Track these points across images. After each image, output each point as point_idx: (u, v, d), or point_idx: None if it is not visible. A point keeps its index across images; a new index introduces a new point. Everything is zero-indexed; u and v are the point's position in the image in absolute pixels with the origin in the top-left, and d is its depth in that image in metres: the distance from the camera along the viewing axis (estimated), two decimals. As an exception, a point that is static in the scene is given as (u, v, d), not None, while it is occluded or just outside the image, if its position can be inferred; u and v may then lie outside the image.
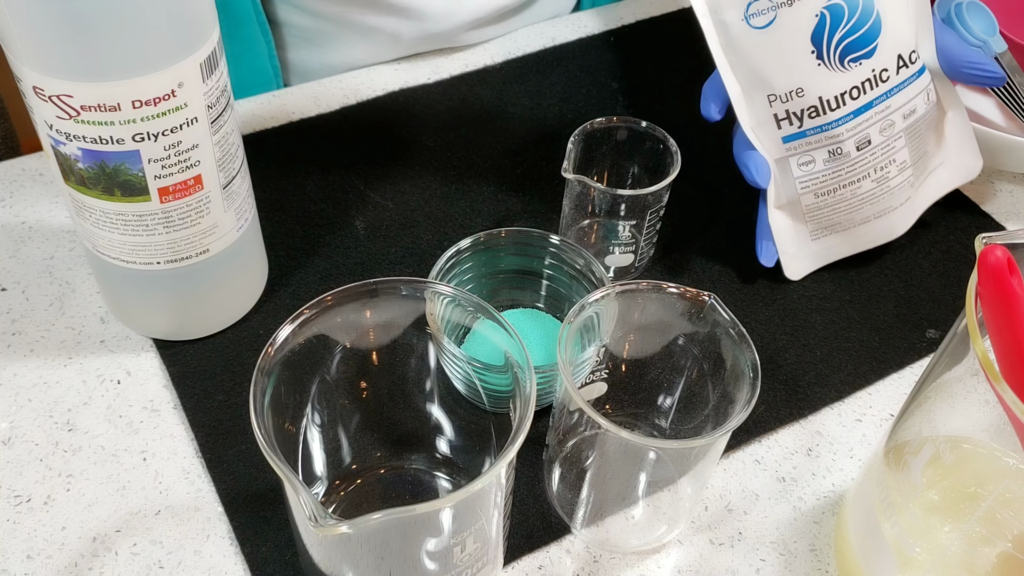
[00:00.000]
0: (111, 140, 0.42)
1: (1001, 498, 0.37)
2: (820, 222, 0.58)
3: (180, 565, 0.45)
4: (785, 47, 0.53)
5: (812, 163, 0.55)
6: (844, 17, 0.53)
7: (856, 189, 0.56)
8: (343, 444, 0.45)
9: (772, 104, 0.54)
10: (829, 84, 0.53)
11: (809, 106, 0.54)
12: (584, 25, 0.76)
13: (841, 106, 0.54)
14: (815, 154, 0.55)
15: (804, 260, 0.58)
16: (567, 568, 0.46)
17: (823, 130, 0.54)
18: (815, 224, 0.58)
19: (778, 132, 0.55)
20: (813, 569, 0.46)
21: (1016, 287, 0.34)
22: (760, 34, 0.53)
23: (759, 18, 0.52)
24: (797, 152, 0.55)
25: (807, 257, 0.59)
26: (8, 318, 0.54)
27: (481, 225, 0.60)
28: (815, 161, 0.55)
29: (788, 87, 0.53)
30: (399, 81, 0.70)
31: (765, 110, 0.54)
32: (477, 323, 0.41)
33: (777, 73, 0.53)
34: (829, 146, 0.55)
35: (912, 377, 0.55)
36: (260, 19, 0.69)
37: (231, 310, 0.53)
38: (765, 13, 0.52)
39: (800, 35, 0.53)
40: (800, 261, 0.58)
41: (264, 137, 0.65)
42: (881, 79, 0.54)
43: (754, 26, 0.52)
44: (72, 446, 0.49)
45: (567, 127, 0.65)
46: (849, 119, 0.54)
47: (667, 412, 0.48)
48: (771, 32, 0.52)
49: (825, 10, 0.52)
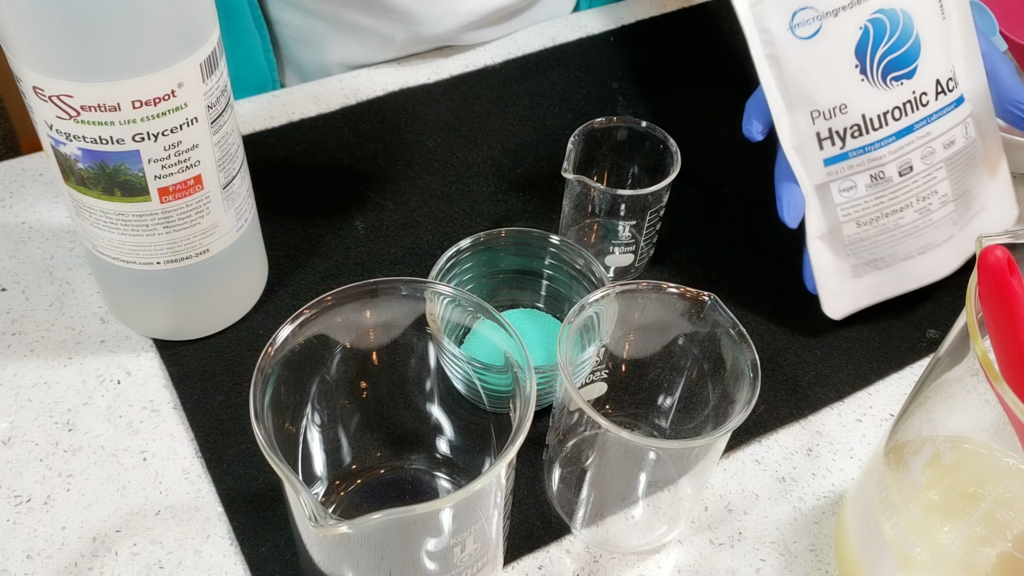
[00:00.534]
0: (111, 140, 0.42)
1: (1001, 498, 0.37)
2: (862, 256, 0.55)
3: (180, 565, 0.45)
4: (830, 59, 0.52)
5: (854, 188, 0.54)
6: (887, 32, 0.52)
7: (899, 219, 0.55)
8: (343, 444, 0.45)
9: (815, 121, 0.53)
10: (872, 101, 0.53)
11: (852, 124, 0.53)
12: (584, 25, 0.76)
13: (884, 126, 0.53)
14: (857, 179, 0.54)
15: (845, 298, 0.56)
16: (567, 568, 0.46)
17: (865, 151, 0.53)
18: (857, 259, 0.55)
19: (820, 153, 0.53)
20: (813, 569, 0.46)
21: (1016, 287, 0.34)
22: (805, 45, 0.52)
23: (804, 28, 0.52)
24: (839, 177, 0.54)
25: (848, 295, 0.56)
26: (8, 318, 0.54)
27: (481, 225, 0.60)
28: (857, 187, 0.54)
29: (832, 102, 0.53)
30: (399, 81, 0.70)
31: (808, 127, 0.53)
32: (477, 323, 0.41)
33: (822, 86, 0.53)
34: (871, 170, 0.54)
35: (912, 377, 0.55)
36: (256, 16, 0.69)
37: (231, 310, 0.53)
38: (811, 23, 0.52)
39: (845, 47, 0.52)
40: (841, 299, 0.55)
41: (264, 137, 0.65)
42: (921, 103, 0.54)
43: (799, 36, 0.52)
44: (72, 446, 0.49)
45: (567, 127, 0.65)
46: (891, 141, 0.53)
47: (667, 412, 0.48)
48: (816, 43, 0.52)
49: (869, 23, 0.52)
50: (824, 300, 0.55)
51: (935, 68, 0.54)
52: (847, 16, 0.52)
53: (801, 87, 0.53)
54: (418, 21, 0.69)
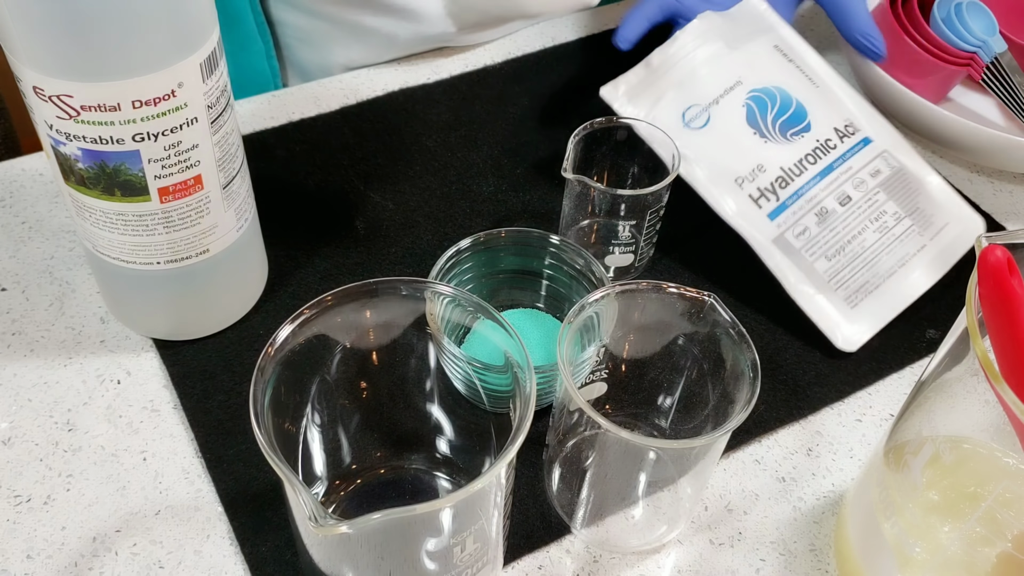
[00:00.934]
0: (111, 140, 0.42)
1: (1001, 498, 0.37)
2: (848, 287, 0.56)
3: (180, 565, 0.45)
4: (729, 135, 0.58)
5: (807, 230, 0.56)
6: (768, 105, 0.58)
7: (863, 242, 0.56)
8: (343, 444, 0.45)
9: (743, 187, 0.57)
10: (783, 155, 0.57)
11: (776, 178, 0.57)
12: (584, 25, 0.76)
13: (804, 171, 0.57)
14: (805, 221, 0.56)
15: (854, 325, 0.55)
16: (567, 568, 0.46)
17: (799, 194, 0.57)
18: (845, 290, 0.56)
19: (761, 212, 0.57)
20: (813, 569, 0.46)
21: (1016, 287, 0.34)
22: (702, 133, 0.58)
23: (696, 121, 0.58)
24: (788, 225, 0.56)
25: (855, 323, 0.55)
26: (8, 318, 0.54)
27: (481, 225, 0.60)
28: (808, 228, 0.56)
29: (748, 167, 0.57)
30: (399, 81, 0.70)
31: (739, 195, 0.57)
32: (477, 323, 0.41)
33: (732, 158, 0.57)
34: (814, 209, 0.56)
35: (912, 377, 0.55)
36: (258, 18, 0.69)
37: (231, 310, 0.53)
38: (699, 116, 0.58)
39: (736, 124, 0.58)
40: (849, 328, 0.55)
41: (264, 137, 0.65)
42: (829, 146, 0.58)
43: (694, 127, 0.58)
44: (72, 446, 0.49)
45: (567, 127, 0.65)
46: (817, 181, 0.57)
47: (667, 412, 0.48)
48: (711, 129, 0.58)
49: (749, 100, 0.58)
50: (831, 335, 0.55)
51: (829, 119, 0.59)
52: (727, 101, 0.58)
53: (715, 165, 0.57)
54: (421, 19, 0.69)
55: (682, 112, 0.58)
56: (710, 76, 0.59)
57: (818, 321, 0.55)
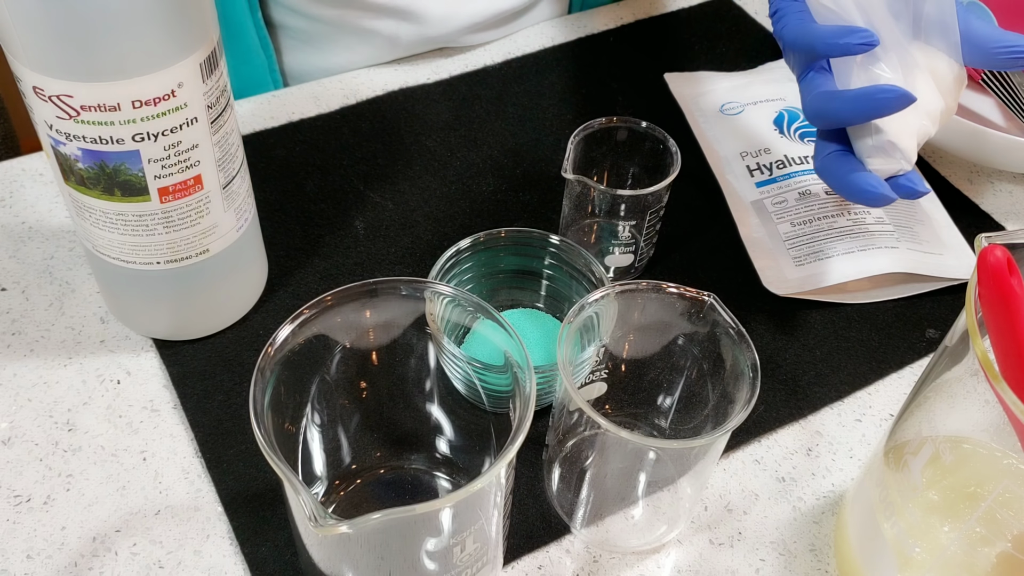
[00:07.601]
0: (111, 140, 0.42)
1: (1001, 498, 0.37)
2: (802, 250, 0.57)
3: (180, 565, 0.45)
4: (753, 123, 0.64)
5: (785, 202, 0.60)
6: (798, 118, 0.64)
7: (832, 223, 0.58)
8: (343, 444, 0.45)
9: (744, 159, 0.62)
10: (791, 149, 0.62)
11: (776, 160, 0.62)
12: (584, 25, 0.76)
13: (805, 163, 0.61)
14: (787, 195, 0.60)
15: (789, 275, 0.57)
16: (567, 568, 0.46)
17: (791, 177, 0.61)
18: (797, 252, 0.57)
19: (751, 179, 0.61)
20: (813, 569, 0.46)
21: (1016, 287, 0.34)
22: (732, 120, 0.65)
23: (731, 110, 0.66)
24: (771, 195, 0.60)
25: (792, 275, 0.57)
26: (8, 318, 0.54)
27: (481, 225, 0.60)
28: (787, 200, 0.60)
29: (757, 146, 0.63)
30: (399, 81, 0.70)
31: (738, 163, 0.62)
32: (477, 323, 0.41)
33: (748, 136, 0.64)
34: (799, 189, 0.60)
35: (912, 377, 0.55)
36: (258, 23, 0.69)
37: (231, 310, 0.53)
38: (735, 109, 0.66)
39: (764, 120, 0.64)
40: (785, 272, 0.57)
41: (264, 137, 0.65)
42: None
43: (728, 114, 0.66)
44: (72, 446, 0.49)
45: (567, 127, 0.65)
46: (812, 172, 0.60)
47: (667, 412, 0.48)
48: (740, 118, 0.65)
49: (784, 111, 0.65)
50: (762, 274, 0.57)
51: None
52: (765, 105, 0.66)
53: (732, 134, 0.64)
54: (423, 21, 0.69)
55: (720, 105, 0.66)
56: (762, 88, 0.67)
57: (756, 258, 0.58)
